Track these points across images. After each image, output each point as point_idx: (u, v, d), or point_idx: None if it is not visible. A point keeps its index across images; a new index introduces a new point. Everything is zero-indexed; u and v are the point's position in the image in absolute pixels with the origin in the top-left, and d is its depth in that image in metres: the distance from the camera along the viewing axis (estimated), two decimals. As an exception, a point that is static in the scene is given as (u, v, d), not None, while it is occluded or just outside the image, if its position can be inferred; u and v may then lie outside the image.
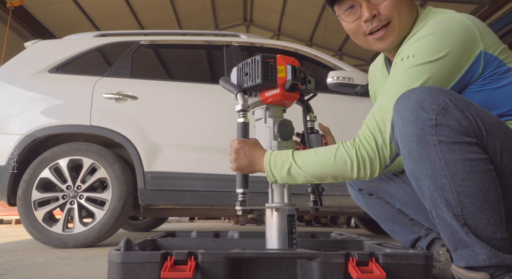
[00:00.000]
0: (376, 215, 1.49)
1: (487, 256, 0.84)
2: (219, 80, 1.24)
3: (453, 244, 0.89)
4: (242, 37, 2.95)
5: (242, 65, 1.16)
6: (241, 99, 1.14)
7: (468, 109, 0.87)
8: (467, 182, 0.84)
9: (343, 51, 10.96)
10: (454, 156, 0.85)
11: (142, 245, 1.19)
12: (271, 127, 1.19)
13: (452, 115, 0.86)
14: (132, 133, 2.51)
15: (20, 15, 7.39)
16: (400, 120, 0.90)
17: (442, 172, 0.85)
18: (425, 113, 0.86)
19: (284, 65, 1.14)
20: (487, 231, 0.85)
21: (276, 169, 1.07)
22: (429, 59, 0.95)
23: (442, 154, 0.85)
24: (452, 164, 0.85)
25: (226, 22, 10.72)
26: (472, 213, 0.85)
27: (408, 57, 0.98)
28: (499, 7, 7.04)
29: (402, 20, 1.06)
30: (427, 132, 0.86)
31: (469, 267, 0.87)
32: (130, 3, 8.45)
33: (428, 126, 0.86)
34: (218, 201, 2.49)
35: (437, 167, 0.86)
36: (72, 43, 2.86)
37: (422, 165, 0.88)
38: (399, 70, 1.00)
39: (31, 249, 2.36)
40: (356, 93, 2.60)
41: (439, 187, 0.87)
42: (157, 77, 2.82)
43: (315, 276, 0.90)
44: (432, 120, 0.86)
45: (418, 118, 0.87)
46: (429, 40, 0.97)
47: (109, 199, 2.43)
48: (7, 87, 2.65)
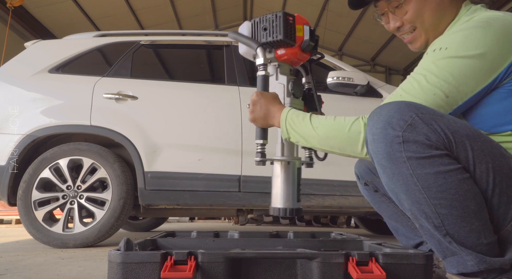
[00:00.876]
0: (380, 211, 1.49)
1: (475, 262, 0.84)
2: (229, 33, 1.21)
3: (442, 253, 0.90)
4: (242, 37, 2.94)
5: (260, 19, 1.15)
6: (262, 53, 1.13)
7: (437, 122, 0.87)
8: (442, 194, 0.85)
9: (343, 51, 10.96)
10: (424, 171, 0.85)
11: (142, 245, 1.19)
12: (285, 84, 1.19)
13: (420, 130, 0.86)
14: (132, 133, 2.51)
15: (20, 15, 7.39)
16: (371, 137, 0.91)
17: (415, 187, 0.86)
18: (392, 130, 0.87)
19: (302, 25, 1.15)
20: (471, 238, 0.85)
21: (291, 125, 1.07)
22: (462, 54, 0.93)
23: (412, 169, 0.86)
24: (424, 179, 0.85)
25: (226, 22, 10.72)
26: (452, 223, 0.85)
27: (441, 48, 0.97)
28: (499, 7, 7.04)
29: (426, 26, 1.09)
30: (396, 149, 0.87)
31: (461, 273, 0.87)
32: (130, 3, 8.45)
33: (396, 143, 0.87)
34: (218, 201, 2.49)
35: (409, 182, 0.87)
36: (72, 43, 2.86)
37: (396, 181, 0.89)
38: (429, 60, 0.98)
39: (31, 249, 2.36)
40: (356, 93, 2.61)
41: (415, 202, 0.87)
42: (157, 77, 2.83)
43: (315, 276, 0.90)
44: (399, 137, 0.86)
45: (386, 135, 0.88)
46: (466, 34, 0.95)
47: (109, 199, 2.43)
48: (7, 87, 2.65)
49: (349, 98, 2.65)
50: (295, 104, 1.20)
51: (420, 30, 1.10)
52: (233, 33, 1.19)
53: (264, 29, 1.13)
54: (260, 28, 1.14)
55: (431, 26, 1.09)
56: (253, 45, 1.13)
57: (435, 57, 0.97)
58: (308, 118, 1.06)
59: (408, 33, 1.13)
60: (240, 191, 2.49)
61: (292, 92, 1.18)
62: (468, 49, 0.93)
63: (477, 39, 0.93)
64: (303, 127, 1.06)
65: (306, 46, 1.14)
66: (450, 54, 0.94)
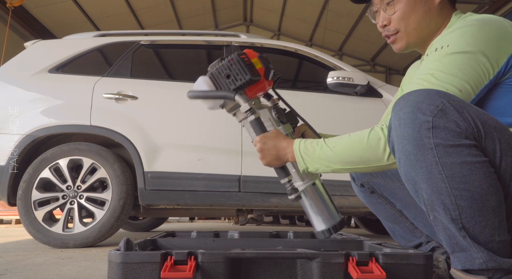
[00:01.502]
0: (377, 213, 1.48)
1: (484, 260, 0.83)
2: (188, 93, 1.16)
3: (451, 247, 0.89)
4: (242, 37, 2.95)
5: (217, 70, 1.13)
6: (243, 98, 1.12)
7: (468, 110, 0.86)
8: (465, 186, 0.83)
9: (343, 51, 10.96)
10: (451, 159, 0.83)
11: (142, 245, 1.19)
12: (269, 116, 1.20)
13: (450, 116, 0.84)
14: (132, 133, 2.51)
15: (20, 15, 7.39)
16: (397, 122, 0.89)
17: (439, 176, 0.84)
18: (422, 115, 0.85)
19: (255, 57, 1.15)
20: (485, 234, 0.84)
21: (307, 154, 1.06)
22: (464, 49, 0.94)
23: (438, 157, 0.84)
24: (449, 167, 0.83)
25: (226, 22, 10.73)
26: (470, 217, 0.83)
27: (442, 47, 0.98)
28: (499, 7, 7.05)
29: (410, 30, 1.12)
30: (424, 135, 0.85)
31: (466, 270, 0.86)
32: (130, 3, 8.45)
33: (425, 128, 0.85)
34: (218, 201, 2.49)
35: (433, 170, 0.85)
36: (72, 43, 2.86)
37: (419, 168, 0.87)
38: (432, 59, 0.99)
39: (31, 249, 2.36)
40: (356, 93, 2.61)
41: (436, 191, 0.85)
42: (157, 77, 2.82)
43: (315, 276, 0.90)
44: (429, 122, 0.84)
45: (415, 120, 0.86)
46: (465, 31, 0.96)
47: (109, 199, 2.43)
48: (7, 87, 2.65)
49: (349, 98, 2.65)
50: (287, 130, 1.21)
51: (403, 33, 1.13)
52: (194, 92, 1.15)
53: (227, 77, 1.12)
54: (222, 78, 1.13)
55: (414, 30, 1.12)
56: (230, 95, 1.11)
57: (438, 56, 0.98)
58: (322, 142, 1.06)
59: (391, 35, 1.15)
60: (240, 191, 2.49)
61: (280, 120, 1.19)
62: (468, 45, 0.94)
63: (476, 35, 0.95)
64: (319, 152, 1.05)
65: (269, 74, 1.15)
66: (452, 50, 0.95)
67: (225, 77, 1.12)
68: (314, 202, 1.16)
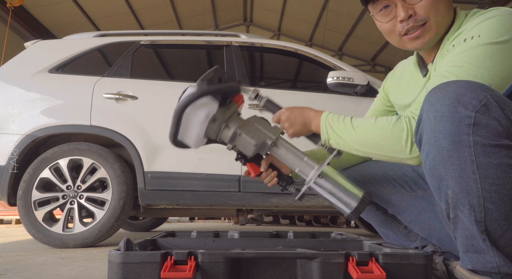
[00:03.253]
0: (369, 219, 1.46)
1: (497, 265, 0.81)
2: None
3: (465, 246, 0.86)
4: (242, 37, 2.95)
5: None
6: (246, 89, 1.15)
7: (510, 108, 0.80)
8: (496, 188, 0.79)
9: (343, 51, 10.96)
10: (488, 160, 0.79)
11: (142, 245, 1.19)
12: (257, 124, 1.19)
13: (493, 113, 0.79)
14: (132, 133, 2.51)
15: (20, 15, 7.39)
16: (433, 115, 0.83)
17: (472, 176, 0.80)
18: (464, 109, 0.79)
19: None
20: (505, 238, 0.81)
21: (331, 125, 1.05)
22: (498, 39, 0.88)
23: (475, 156, 0.79)
24: (484, 168, 0.79)
25: (226, 22, 10.72)
26: (494, 220, 0.80)
27: (473, 37, 0.91)
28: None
29: (439, 19, 1.01)
30: (463, 131, 0.79)
31: (474, 270, 0.85)
32: (130, 3, 8.45)
33: (465, 124, 0.79)
34: (218, 201, 2.49)
35: (467, 169, 0.80)
36: (72, 43, 2.86)
37: (450, 165, 0.82)
38: (461, 50, 0.92)
39: (31, 249, 2.36)
40: (356, 93, 2.60)
41: (465, 191, 0.81)
42: (157, 77, 2.82)
43: (315, 276, 0.90)
44: (471, 118, 0.79)
45: (455, 114, 0.80)
46: (497, 21, 0.90)
47: (109, 199, 2.43)
48: (7, 87, 2.65)
49: (349, 98, 2.64)
50: None
51: (431, 24, 1.01)
52: None
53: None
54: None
55: (443, 18, 1.02)
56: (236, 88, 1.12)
57: (469, 46, 0.91)
58: (348, 119, 1.04)
59: (417, 27, 1.02)
60: (240, 191, 2.49)
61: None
62: (502, 35, 0.89)
63: (508, 24, 0.90)
64: (342, 127, 1.03)
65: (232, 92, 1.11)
66: (485, 41, 0.89)
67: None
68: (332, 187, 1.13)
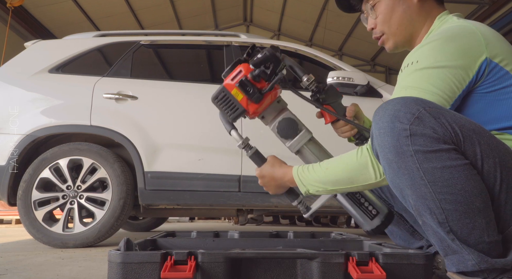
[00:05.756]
0: None
1: (476, 262, 0.84)
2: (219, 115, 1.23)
3: (443, 250, 0.89)
4: (242, 37, 2.95)
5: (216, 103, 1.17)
6: (236, 135, 1.18)
7: (444, 116, 0.87)
8: (448, 189, 0.84)
9: (343, 51, 10.95)
10: (431, 165, 0.85)
11: (142, 245, 1.19)
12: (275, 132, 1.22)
13: (427, 123, 0.86)
14: (132, 133, 2.51)
15: (20, 15, 7.38)
16: (378, 132, 0.91)
17: (421, 182, 0.86)
18: (399, 123, 0.87)
19: (235, 87, 1.12)
20: (473, 236, 0.84)
21: (305, 178, 1.10)
22: (434, 64, 0.97)
23: (419, 163, 0.85)
24: (430, 173, 0.85)
25: (226, 22, 10.72)
26: (456, 220, 0.84)
27: (413, 63, 1.01)
28: (499, 7, 7.03)
29: (393, 30, 1.18)
30: (403, 143, 0.86)
31: (461, 272, 0.87)
32: (130, 3, 8.44)
33: (403, 136, 0.86)
34: (218, 201, 2.49)
35: (415, 176, 0.86)
36: (72, 43, 2.86)
37: (402, 175, 0.88)
38: (405, 75, 1.03)
39: (31, 249, 2.36)
40: (356, 93, 2.60)
41: (420, 197, 0.87)
42: (157, 77, 2.82)
43: (315, 276, 0.90)
44: (407, 130, 0.86)
45: (394, 129, 0.87)
46: (432, 46, 0.99)
47: (109, 199, 2.43)
48: (7, 87, 2.65)
49: (349, 98, 2.64)
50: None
51: (388, 34, 1.19)
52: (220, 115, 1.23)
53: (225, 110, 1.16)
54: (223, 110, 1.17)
55: (397, 30, 1.17)
56: (227, 127, 1.19)
57: (410, 71, 1.01)
58: (317, 165, 1.10)
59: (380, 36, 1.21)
60: (240, 191, 2.49)
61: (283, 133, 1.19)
62: (436, 60, 0.97)
63: (443, 49, 0.98)
64: (314, 175, 1.08)
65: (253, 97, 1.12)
66: (422, 66, 0.99)
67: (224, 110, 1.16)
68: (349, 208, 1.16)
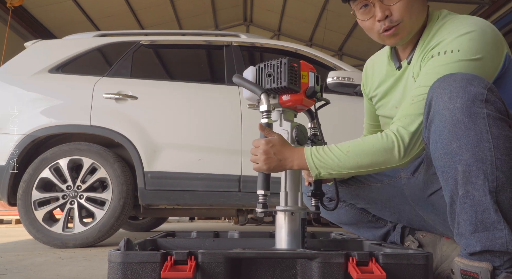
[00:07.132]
0: (338, 219, 1.51)
1: (506, 240, 0.84)
2: (233, 77, 1.20)
3: (473, 226, 0.88)
4: (242, 37, 2.95)
5: (264, 65, 1.14)
6: (266, 99, 1.12)
7: None
8: (506, 157, 0.86)
9: (343, 51, 10.95)
10: (499, 131, 0.88)
11: (142, 245, 1.19)
12: (288, 130, 1.18)
13: (497, 95, 0.91)
14: (132, 133, 2.51)
15: (20, 15, 7.38)
16: (447, 95, 0.92)
17: (487, 144, 0.87)
18: (476, 87, 0.90)
19: (307, 71, 1.15)
20: None
21: (319, 160, 1.06)
22: (475, 56, 0.99)
23: (489, 126, 0.88)
24: (496, 138, 0.87)
25: (226, 22, 10.72)
26: (503, 190, 0.86)
27: (452, 51, 1.01)
28: (499, 7, 7.03)
29: (413, 20, 1.11)
30: (477, 105, 0.89)
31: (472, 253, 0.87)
32: (130, 3, 8.44)
33: (479, 100, 0.89)
34: (218, 201, 2.49)
35: (483, 139, 0.88)
36: (72, 43, 2.86)
37: (467, 137, 0.89)
38: (441, 63, 1.02)
39: (31, 249, 2.36)
40: (356, 93, 2.60)
41: (479, 160, 0.87)
42: (157, 77, 2.83)
43: (315, 276, 0.90)
44: (483, 94, 0.89)
45: (469, 91, 0.90)
46: (473, 37, 1.00)
47: (109, 199, 2.43)
48: (7, 87, 2.65)
49: (349, 98, 2.65)
50: None
51: (405, 24, 1.10)
52: (238, 77, 1.18)
53: (268, 75, 1.12)
54: (265, 74, 1.13)
55: (416, 20, 1.11)
56: (257, 91, 1.13)
57: (449, 60, 1.01)
58: (334, 147, 1.07)
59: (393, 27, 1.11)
60: (240, 191, 2.49)
61: (296, 138, 1.17)
62: (478, 51, 1.00)
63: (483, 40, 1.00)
64: (333, 157, 1.05)
65: (311, 92, 1.13)
66: (463, 57, 1.00)
67: (267, 75, 1.13)
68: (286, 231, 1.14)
